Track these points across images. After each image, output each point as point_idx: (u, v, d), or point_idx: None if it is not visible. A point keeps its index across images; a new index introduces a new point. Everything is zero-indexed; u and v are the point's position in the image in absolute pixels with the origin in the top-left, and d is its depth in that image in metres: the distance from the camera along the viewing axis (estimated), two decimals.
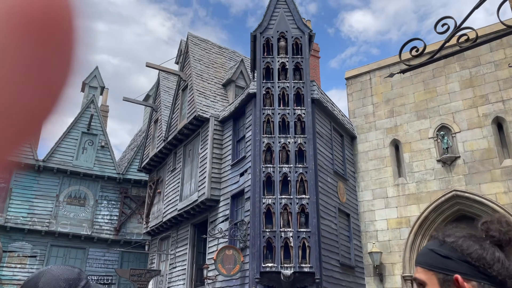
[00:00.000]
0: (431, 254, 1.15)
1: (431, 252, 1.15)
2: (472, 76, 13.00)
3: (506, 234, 1.12)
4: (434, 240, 1.19)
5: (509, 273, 1.06)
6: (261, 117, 11.79)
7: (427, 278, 1.13)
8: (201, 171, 13.80)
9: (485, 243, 1.12)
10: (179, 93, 16.02)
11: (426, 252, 1.17)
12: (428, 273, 1.13)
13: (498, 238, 1.12)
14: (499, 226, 1.13)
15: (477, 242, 1.12)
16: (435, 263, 1.12)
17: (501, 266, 1.06)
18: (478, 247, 1.09)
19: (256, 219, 10.77)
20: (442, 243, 1.15)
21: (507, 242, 1.12)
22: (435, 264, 1.12)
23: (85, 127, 20.01)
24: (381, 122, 14.27)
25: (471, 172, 12.19)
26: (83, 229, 18.90)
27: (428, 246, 1.18)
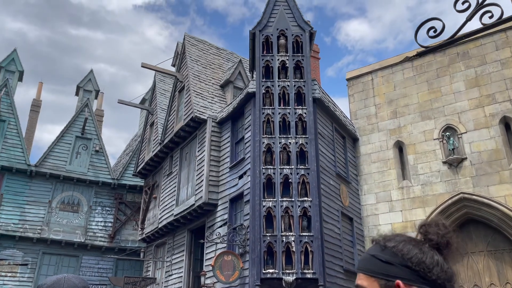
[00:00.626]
0: (373, 259, 1.15)
1: (373, 257, 1.16)
2: (477, 75, 12.62)
3: (444, 237, 1.14)
4: (376, 245, 1.19)
5: (447, 276, 1.09)
6: (260, 116, 11.34)
7: (369, 284, 1.13)
8: (198, 174, 13.30)
9: (424, 247, 1.14)
10: (176, 95, 15.58)
11: (367, 257, 1.17)
12: (369, 279, 1.12)
13: (436, 241, 1.14)
14: (437, 229, 1.16)
15: (416, 246, 1.13)
16: (376, 269, 1.12)
17: (440, 269, 1.09)
18: (418, 251, 1.11)
19: (256, 223, 10.27)
20: (383, 248, 1.16)
21: (445, 245, 1.14)
22: (377, 270, 1.12)
23: (79, 131, 19.51)
24: (384, 123, 13.85)
25: (479, 174, 11.75)
26: (77, 236, 18.31)
27: (370, 252, 1.18)
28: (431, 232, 1.18)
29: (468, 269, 11.71)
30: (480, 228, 11.86)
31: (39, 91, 22.88)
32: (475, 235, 11.90)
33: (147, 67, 14.50)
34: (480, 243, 11.76)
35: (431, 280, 1.08)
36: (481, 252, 11.67)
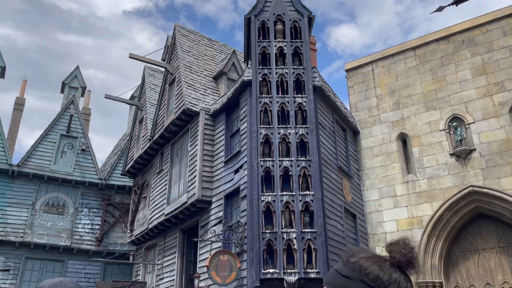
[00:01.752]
0: (336, 274, 1.24)
1: (336, 272, 1.25)
2: (484, 63, 12.00)
3: (406, 256, 1.21)
4: (340, 261, 1.27)
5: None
6: (257, 106, 10.58)
7: None
8: (190, 170, 12.47)
9: (385, 264, 1.20)
10: (166, 88, 14.75)
11: (332, 272, 1.26)
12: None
13: (397, 260, 1.21)
14: (401, 248, 1.22)
15: (377, 263, 1.20)
16: (338, 282, 1.20)
17: (396, 286, 1.15)
18: (377, 268, 1.18)
19: (254, 219, 9.47)
20: (345, 263, 1.24)
21: (405, 264, 1.21)
22: (338, 284, 1.20)
23: (64, 129, 18.56)
24: (386, 115, 13.16)
25: (489, 165, 11.09)
26: (62, 239, 17.31)
27: (335, 266, 1.27)
28: (394, 251, 1.22)
29: (479, 267, 11.02)
30: (491, 223, 11.19)
31: (23, 89, 21.88)
32: (485, 231, 11.22)
33: (136, 57, 13.68)
34: (491, 239, 11.08)
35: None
36: (493, 249, 10.98)
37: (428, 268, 11.07)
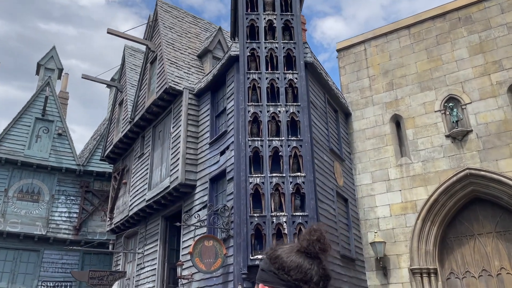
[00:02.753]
0: (258, 268, 1.33)
1: (258, 267, 1.35)
2: (482, 41, 11.51)
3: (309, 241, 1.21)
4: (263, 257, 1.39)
5: (306, 278, 1.17)
6: (245, 82, 9.87)
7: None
8: (173, 153, 11.73)
9: (292, 253, 1.23)
10: (147, 67, 13.91)
11: (258, 267, 1.33)
12: (256, 285, 1.28)
13: (304, 246, 1.22)
14: (307, 234, 1.24)
15: (285, 253, 1.24)
16: (258, 276, 1.29)
17: (298, 272, 1.17)
18: (284, 257, 1.22)
19: (241, 202, 8.81)
20: (263, 258, 1.32)
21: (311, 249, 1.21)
22: (257, 277, 1.28)
23: (39, 112, 17.54)
24: (379, 96, 12.60)
25: (486, 147, 10.64)
26: (37, 228, 16.39)
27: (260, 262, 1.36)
28: (302, 238, 1.24)
29: (475, 253, 10.60)
30: (488, 207, 10.76)
31: None
32: (482, 215, 10.79)
33: (114, 33, 12.79)
34: (488, 224, 10.66)
35: (286, 280, 1.17)
36: (489, 234, 10.57)
37: (422, 254, 10.60)
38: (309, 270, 1.17)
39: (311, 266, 1.18)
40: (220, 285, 9.04)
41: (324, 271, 1.21)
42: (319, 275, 1.19)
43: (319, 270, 1.19)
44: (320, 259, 1.21)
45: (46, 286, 16.27)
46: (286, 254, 1.22)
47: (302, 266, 1.18)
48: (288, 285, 1.17)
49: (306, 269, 1.17)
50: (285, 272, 1.18)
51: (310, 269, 1.17)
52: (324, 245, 1.21)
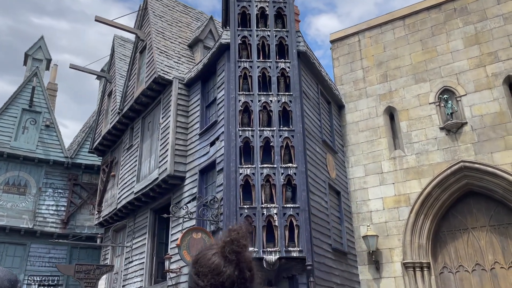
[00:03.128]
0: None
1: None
2: (477, 32, 11.32)
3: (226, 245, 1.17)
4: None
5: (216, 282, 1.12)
6: (236, 71, 9.60)
7: None
8: (162, 144, 11.44)
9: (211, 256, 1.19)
10: (137, 56, 13.57)
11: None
12: None
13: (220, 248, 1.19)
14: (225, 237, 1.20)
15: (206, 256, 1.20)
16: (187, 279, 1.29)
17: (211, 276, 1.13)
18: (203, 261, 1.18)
19: (231, 194, 8.55)
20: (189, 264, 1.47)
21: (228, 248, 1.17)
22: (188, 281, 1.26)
23: (26, 103, 17.13)
24: (373, 88, 12.38)
25: (481, 139, 10.47)
26: (23, 221, 16.03)
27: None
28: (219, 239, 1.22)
29: (468, 247, 10.44)
30: (482, 200, 10.60)
31: None
32: (476, 208, 10.64)
33: (102, 21, 12.42)
34: (482, 218, 10.51)
35: (201, 286, 1.12)
36: (483, 228, 10.42)
37: (415, 248, 10.43)
38: (222, 273, 1.12)
39: (225, 269, 1.13)
40: None
41: (241, 273, 1.15)
42: (232, 279, 1.13)
43: (233, 272, 1.13)
44: (238, 261, 1.15)
45: (33, 280, 15.93)
46: (205, 257, 1.17)
47: (215, 270, 1.13)
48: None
49: (218, 272, 1.13)
50: (199, 278, 1.14)
51: (223, 273, 1.12)
52: (239, 247, 1.15)
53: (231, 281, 1.13)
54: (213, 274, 1.13)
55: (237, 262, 1.15)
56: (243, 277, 1.15)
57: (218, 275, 1.13)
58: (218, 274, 1.13)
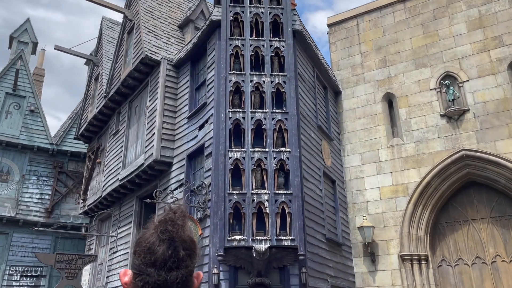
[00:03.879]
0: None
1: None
2: (481, 15, 10.81)
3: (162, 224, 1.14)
4: None
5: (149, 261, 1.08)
6: (227, 49, 9.02)
7: None
8: (148, 128, 10.85)
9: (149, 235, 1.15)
10: (124, 37, 12.94)
11: None
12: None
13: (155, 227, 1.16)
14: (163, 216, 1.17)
15: (145, 235, 1.16)
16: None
17: (144, 256, 1.10)
18: (142, 240, 1.14)
19: (219, 178, 8.00)
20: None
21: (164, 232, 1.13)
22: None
23: (10, 87, 16.43)
24: (371, 73, 11.85)
25: (484, 127, 9.98)
26: (5, 209, 15.39)
27: None
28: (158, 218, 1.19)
29: (468, 239, 9.97)
30: (483, 191, 10.13)
31: None
32: (476, 199, 10.16)
33: None
34: (483, 209, 10.03)
35: (136, 264, 1.10)
36: (484, 219, 9.95)
37: (413, 240, 9.94)
38: (155, 252, 1.08)
39: (158, 248, 1.09)
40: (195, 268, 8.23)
41: (174, 253, 1.09)
42: (165, 258, 1.08)
43: (167, 251, 1.09)
44: (172, 240, 1.10)
45: (14, 271, 15.31)
46: (143, 237, 1.14)
47: (150, 249, 1.09)
48: (137, 270, 1.10)
49: (151, 251, 1.09)
50: (134, 256, 1.12)
51: (156, 251, 1.08)
52: (173, 227, 1.12)
53: (163, 260, 1.08)
54: (146, 253, 1.09)
55: (171, 242, 1.10)
56: (176, 256, 1.09)
57: (151, 254, 1.08)
58: (151, 253, 1.09)
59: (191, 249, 1.13)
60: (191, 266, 1.12)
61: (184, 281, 1.08)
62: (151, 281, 1.06)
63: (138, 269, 1.09)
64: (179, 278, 1.07)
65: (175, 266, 1.08)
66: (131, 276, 1.11)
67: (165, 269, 1.07)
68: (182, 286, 1.08)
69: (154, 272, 1.06)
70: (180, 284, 1.07)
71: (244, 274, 7.69)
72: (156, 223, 1.14)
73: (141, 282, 1.07)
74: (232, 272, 7.65)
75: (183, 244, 1.11)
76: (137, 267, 1.09)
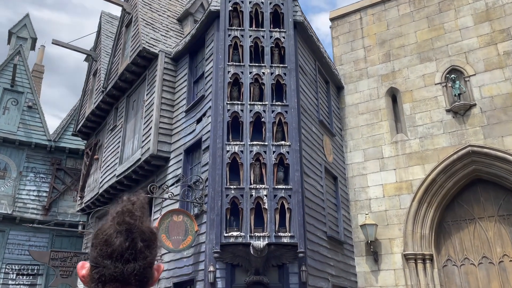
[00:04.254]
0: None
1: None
2: (489, 8, 10.49)
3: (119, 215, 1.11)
4: None
5: (107, 254, 1.05)
6: (225, 39, 8.74)
7: None
8: (146, 122, 10.58)
9: (108, 227, 1.12)
10: (122, 31, 12.69)
11: None
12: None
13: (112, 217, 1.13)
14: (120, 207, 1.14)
15: (104, 227, 1.14)
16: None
17: (100, 249, 1.06)
18: (100, 232, 1.12)
19: (216, 173, 7.71)
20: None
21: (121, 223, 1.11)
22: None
23: (8, 82, 16.21)
24: (375, 68, 11.54)
25: (491, 122, 9.65)
26: (2, 207, 15.15)
27: None
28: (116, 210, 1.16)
29: (475, 238, 9.64)
30: (490, 189, 9.79)
31: None
32: (483, 197, 9.83)
33: None
34: (490, 207, 9.70)
35: (93, 256, 1.08)
36: (491, 218, 9.61)
37: (417, 239, 9.62)
38: (111, 244, 1.05)
39: (115, 240, 1.05)
40: (191, 266, 7.96)
41: (132, 245, 1.06)
42: (121, 250, 1.04)
43: (124, 243, 1.05)
44: (129, 232, 1.07)
45: (11, 269, 15.06)
46: (102, 229, 1.10)
47: (107, 241, 1.06)
48: (94, 262, 1.06)
49: (108, 243, 1.05)
50: (92, 248, 1.09)
51: (113, 243, 1.05)
52: (131, 218, 1.08)
53: (120, 252, 1.04)
54: (103, 245, 1.06)
55: (128, 233, 1.06)
56: (134, 248, 1.06)
57: (107, 246, 1.05)
58: (108, 245, 1.05)
59: (150, 240, 1.10)
60: (150, 257, 1.09)
61: (142, 273, 1.05)
62: (107, 273, 1.04)
63: (95, 261, 1.06)
64: (136, 270, 1.05)
65: (133, 258, 1.05)
66: (89, 269, 1.08)
67: (122, 261, 1.04)
68: (140, 277, 1.06)
69: (111, 264, 1.04)
70: (138, 276, 1.05)
71: (242, 272, 7.39)
72: (114, 214, 1.11)
73: (97, 274, 1.05)
74: (229, 270, 7.36)
75: (142, 235, 1.08)
76: (94, 259, 1.06)
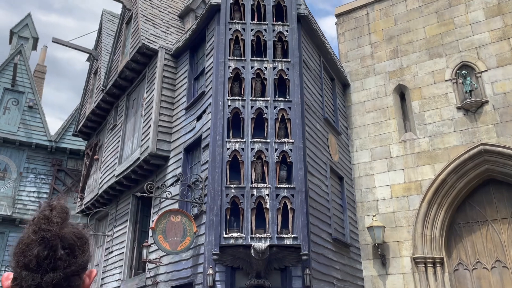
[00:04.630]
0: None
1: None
2: (500, 2, 10.08)
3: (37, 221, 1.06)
4: None
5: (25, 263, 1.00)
6: (226, 33, 8.41)
7: None
8: (145, 120, 10.27)
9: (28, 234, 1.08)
10: (123, 28, 12.42)
11: None
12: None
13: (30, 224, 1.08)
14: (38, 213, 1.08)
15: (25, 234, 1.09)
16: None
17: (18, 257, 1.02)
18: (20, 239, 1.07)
19: (216, 171, 7.36)
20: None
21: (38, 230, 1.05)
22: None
23: (8, 82, 16.02)
24: (382, 64, 11.16)
25: (504, 120, 9.23)
26: (2, 208, 14.93)
27: None
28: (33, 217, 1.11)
29: (487, 241, 9.19)
30: (503, 189, 9.36)
31: None
32: (496, 198, 9.39)
33: None
34: (503, 209, 9.26)
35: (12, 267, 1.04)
36: (505, 220, 9.17)
37: (427, 242, 9.19)
38: (29, 255, 0.98)
39: (34, 250, 0.99)
40: (190, 269, 7.60)
41: (52, 252, 0.99)
42: (39, 259, 0.98)
43: (42, 252, 0.98)
44: (47, 240, 1.00)
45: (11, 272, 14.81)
46: (23, 237, 1.03)
47: (24, 250, 1.00)
48: (14, 273, 1.01)
49: (25, 253, 0.99)
50: (12, 259, 1.03)
51: (30, 254, 0.98)
52: (49, 225, 1.01)
53: (37, 262, 0.97)
54: (20, 255, 0.99)
55: (46, 242, 0.99)
56: (53, 257, 0.99)
57: (24, 256, 0.98)
58: (24, 256, 0.98)
59: (76, 246, 1.04)
60: (74, 265, 1.02)
61: (64, 282, 0.99)
62: (25, 285, 0.98)
63: (14, 272, 1.01)
64: (55, 280, 0.98)
65: (52, 267, 0.99)
66: (12, 280, 1.02)
67: (40, 271, 0.98)
68: (62, 287, 1.00)
69: (28, 276, 0.98)
70: (59, 286, 0.99)
71: (242, 275, 7.02)
72: (30, 222, 1.05)
73: (17, 287, 1.00)
74: (229, 273, 6.99)
75: (62, 242, 1.02)
76: (14, 270, 1.01)
